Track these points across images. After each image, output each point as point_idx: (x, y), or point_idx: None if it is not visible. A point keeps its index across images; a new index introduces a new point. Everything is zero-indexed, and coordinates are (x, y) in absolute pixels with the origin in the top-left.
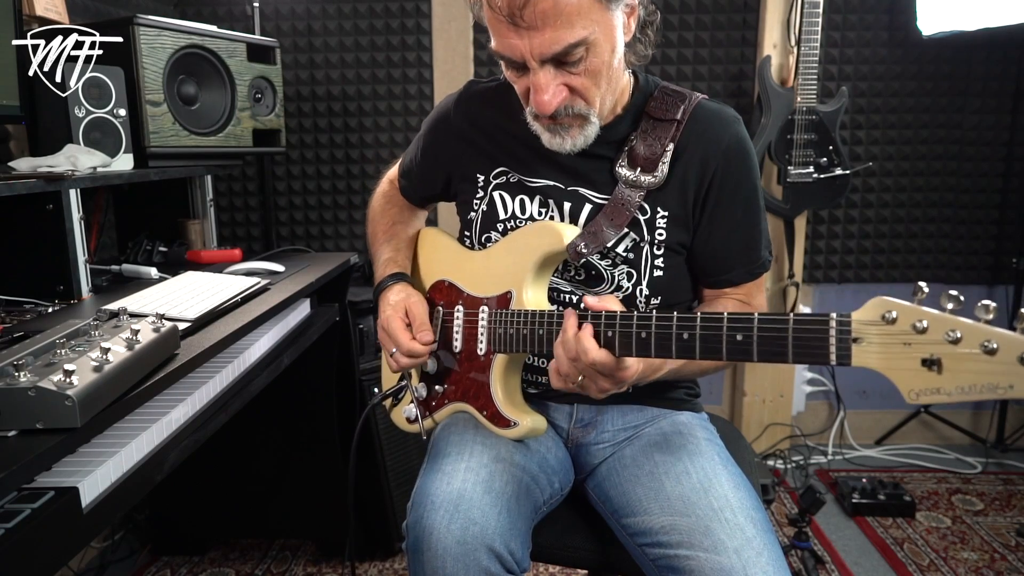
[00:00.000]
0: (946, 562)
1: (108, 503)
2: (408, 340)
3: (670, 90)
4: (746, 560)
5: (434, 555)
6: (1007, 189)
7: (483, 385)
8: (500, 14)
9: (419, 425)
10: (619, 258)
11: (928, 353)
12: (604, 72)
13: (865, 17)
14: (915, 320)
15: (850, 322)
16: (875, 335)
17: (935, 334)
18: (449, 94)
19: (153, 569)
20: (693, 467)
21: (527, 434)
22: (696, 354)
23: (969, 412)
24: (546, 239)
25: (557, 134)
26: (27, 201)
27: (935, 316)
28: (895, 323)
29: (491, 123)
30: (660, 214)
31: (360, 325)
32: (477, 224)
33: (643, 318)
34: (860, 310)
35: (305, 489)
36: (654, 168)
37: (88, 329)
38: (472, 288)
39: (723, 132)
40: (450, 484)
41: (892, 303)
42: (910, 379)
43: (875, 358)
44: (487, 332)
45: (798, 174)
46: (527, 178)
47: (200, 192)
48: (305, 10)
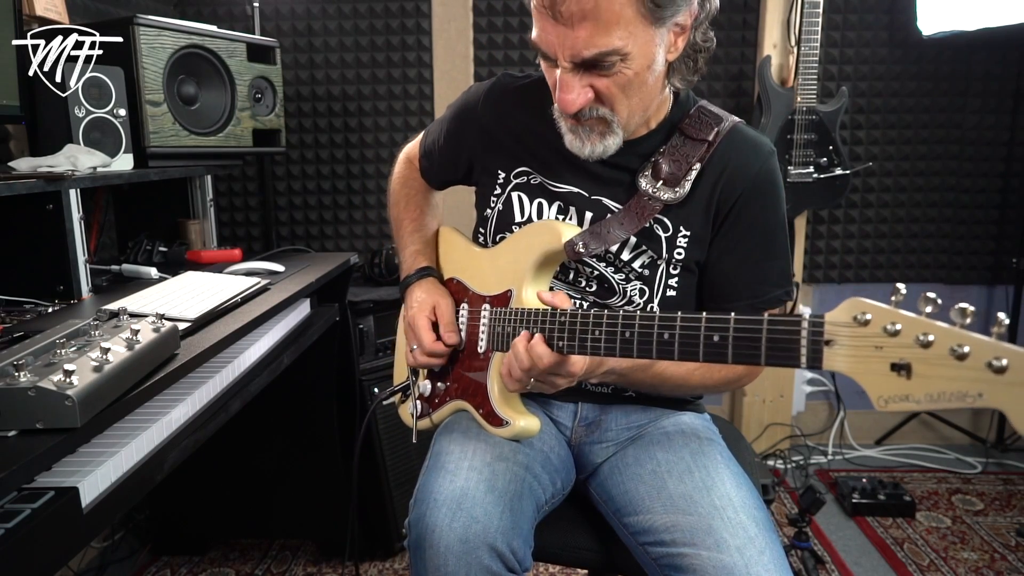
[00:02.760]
0: (946, 562)
1: (108, 503)
2: (431, 341)
3: (708, 111)
4: (748, 558)
5: (436, 553)
6: (1007, 189)
7: (481, 383)
8: (543, 4)
9: (413, 425)
10: (633, 273)
11: (898, 357)
12: (635, 86)
13: (865, 17)
14: (888, 322)
15: (823, 323)
16: (847, 337)
17: (906, 337)
18: (479, 83)
19: (153, 569)
20: (696, 466)
21: (518, 434)
22: (675, 354)
23: (969, 412)
24: (545, 237)
25: (578, 136)
26: (27, 201)
27: (908, 319)
28: (867, 325)
29: (519, 123)
30: (682, 233)
31: (360, 325)
32: (492, 223)
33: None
34: (834, 311)
35: (305, 489)
36: (676, 184)
37: (88, 329)
38: (478, 286)
39: (755, 160)
40: (453, 482)
41: (866, 304)
42: (879, 384)
43: (845, 361)
44: (488, 330)
45: (798, 174)
46: (550, 182)
47: (200, 192)
48: (305, 10)
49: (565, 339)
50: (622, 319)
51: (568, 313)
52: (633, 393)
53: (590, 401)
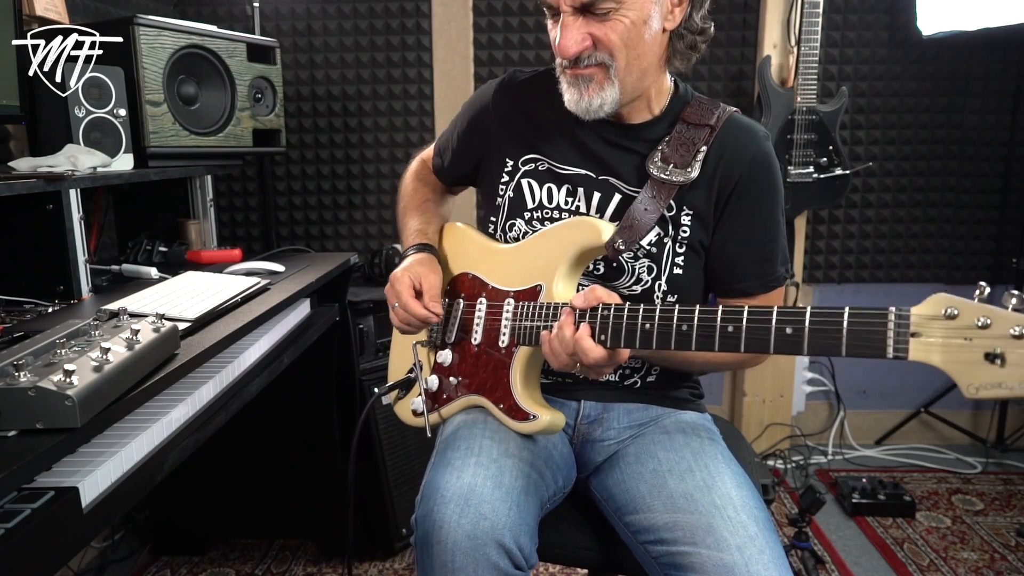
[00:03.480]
0: (946, 562)
1: (108, 503)
2: (410, 298)
3: (705, 100)
4: (748, 557)
5: (443, 549)
6: (1007, 189)
7: (502, 378)
8: None
9: (425, 419)
10: (642, 251)
11: (992, 347)
12: (632, 39)
13: (865, 17)
14: (978, 316)
15: (909, 316)
16: (935, 330)
17: (998, 330)
18: (491, 80)
19: (153, 569)
20: (696, 465)
21: (545, 428)
22: (741, 347)
23: (969, 412)
24: (584, 234)
25: (577, 88)
26: (27, 201)
27: (998, 313)
28: (956, 319)
29: (528, 107)
30: (685, 211)
31: (360, 325)
32: (504, 211)
33: (666, 310)
34: (920, 305)
35: (305, 489)
36: (686, 166)
37: (88, 329)
38: (498, 281)
39: (751, 144)
40: (460, 478)
41: (953, 300)
42: (970, 373)
43: (934, 352)
44: (511, 325)
45: (798, 174)
46: (558, 165)
47: (200, 192)
48: (305, 10)
49: (609, 334)
50: (678, 313)
51: (613, 308)
52: (638, 381)
53: (592, 399)
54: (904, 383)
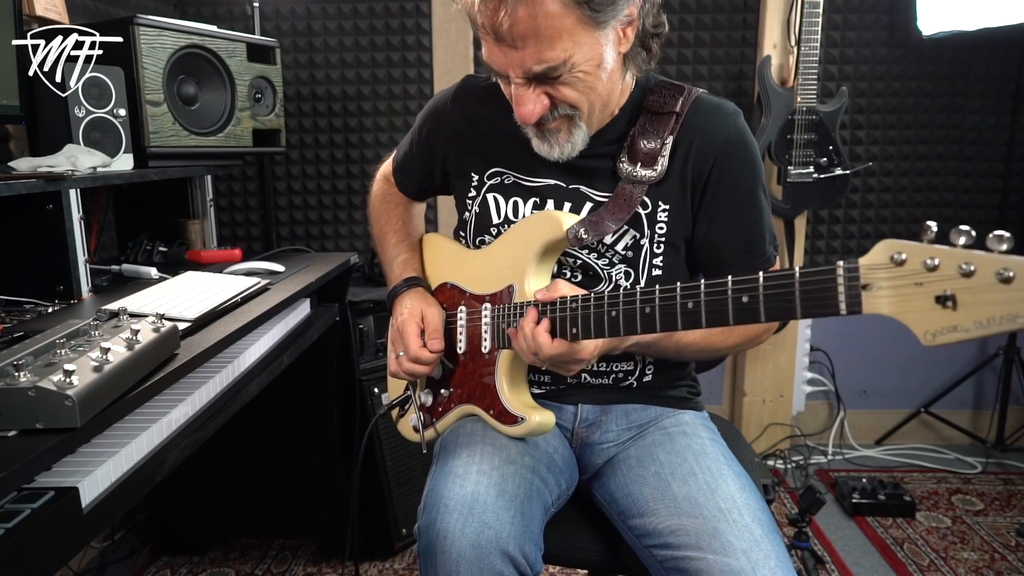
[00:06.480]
0: (946, 562)
1: (108, 503)
2: (418, 347)
3: (668, 83)
4: (755, 562)
5: (448, 559)
6: (1007, 189)
7: (489, 383)
8: (484, 28)
9: (422, 436)
10: (617, 256)
11: (941, 290)
12: (590, 86)
13: (865, 17)
14: (925, 258)
15: (858, 268)
16: (884, 279)
17: (947, 269)
18: (444, 88)
19: (153, 569)
20: (699, 467)
21: (535, 429)
22: (702, 322)
23: (969, 412)
24: (545, 227)
25: (545, 140)
26: (27, 201)
27: (946, 252)
28: (904, 264)
29: (488, 122)
30: (661, 207)
31: (360, 325)
32: (471, 226)
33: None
34: (867, 255)
35: (305, 489)
36: (654, 162)
37: (88, 329)
38: (474, 287)
39: (722, 125)
40: (463, 487)
41: (900, 244)
42: (925, 320)
43: (886, 303)
44: (491, 329)
45: (798, 174)
46: (525, 178)
47: (200, 192)
48: (305, 10)
49: (579, 327)
50: (640, 296)
51: (580, 299)
52: (634, 382)
53: (589, 402)
54: (904, 383)
